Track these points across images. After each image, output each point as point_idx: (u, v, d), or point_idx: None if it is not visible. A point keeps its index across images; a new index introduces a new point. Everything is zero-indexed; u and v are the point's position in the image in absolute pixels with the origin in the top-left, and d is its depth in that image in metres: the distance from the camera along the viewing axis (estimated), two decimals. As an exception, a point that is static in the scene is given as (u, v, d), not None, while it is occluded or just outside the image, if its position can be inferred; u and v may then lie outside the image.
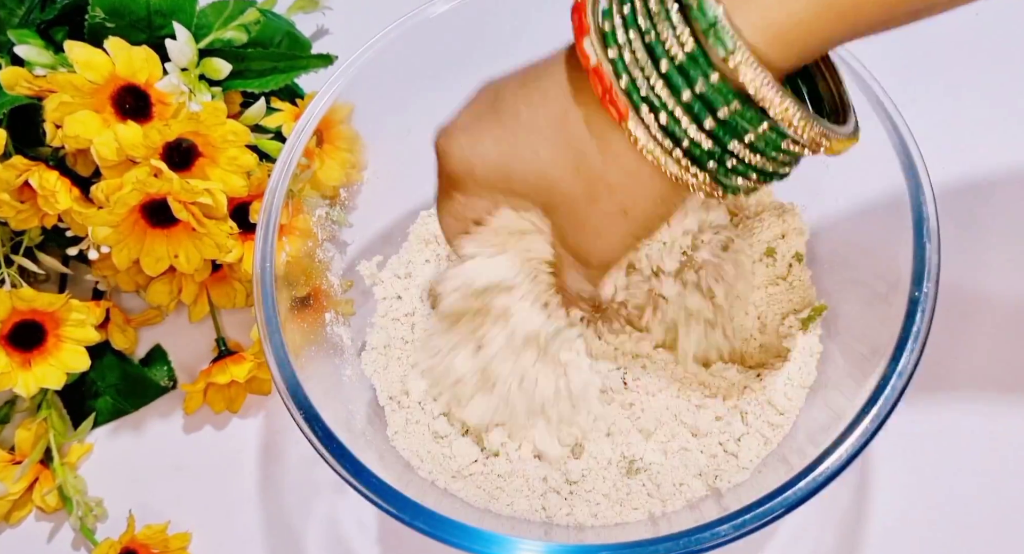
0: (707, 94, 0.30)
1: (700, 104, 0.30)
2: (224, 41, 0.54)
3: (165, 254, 0.49)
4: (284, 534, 0.50)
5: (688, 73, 0.30)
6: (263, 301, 0.42)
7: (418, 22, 0.47)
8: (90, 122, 0.47)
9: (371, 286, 0.50)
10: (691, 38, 0.30)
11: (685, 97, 0.30)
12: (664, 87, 0.31)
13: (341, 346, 0.47)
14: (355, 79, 0.46)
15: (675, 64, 0.30)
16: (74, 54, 0.47)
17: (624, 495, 0.42)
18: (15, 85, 0.48)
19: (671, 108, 0.31)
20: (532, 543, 0.37)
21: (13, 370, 0.48)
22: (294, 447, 0.52)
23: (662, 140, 0.32)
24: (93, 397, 0.54)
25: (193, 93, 0.50)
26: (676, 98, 0.31)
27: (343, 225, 0.50)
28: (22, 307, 0.48)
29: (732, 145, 0.31)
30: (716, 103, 0.30)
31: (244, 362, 0.51)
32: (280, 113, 0.53)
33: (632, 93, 0.31)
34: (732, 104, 0.30)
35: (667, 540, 0.36)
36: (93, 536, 0.50)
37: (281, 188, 0.44)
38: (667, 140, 0.32)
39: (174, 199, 0.46)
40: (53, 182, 0.48)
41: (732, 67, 0.29)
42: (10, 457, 0.50)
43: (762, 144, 0.31)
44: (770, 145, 0.31)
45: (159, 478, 0.52)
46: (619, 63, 0.31)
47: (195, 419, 0.54)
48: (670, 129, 0.31)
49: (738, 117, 0.30)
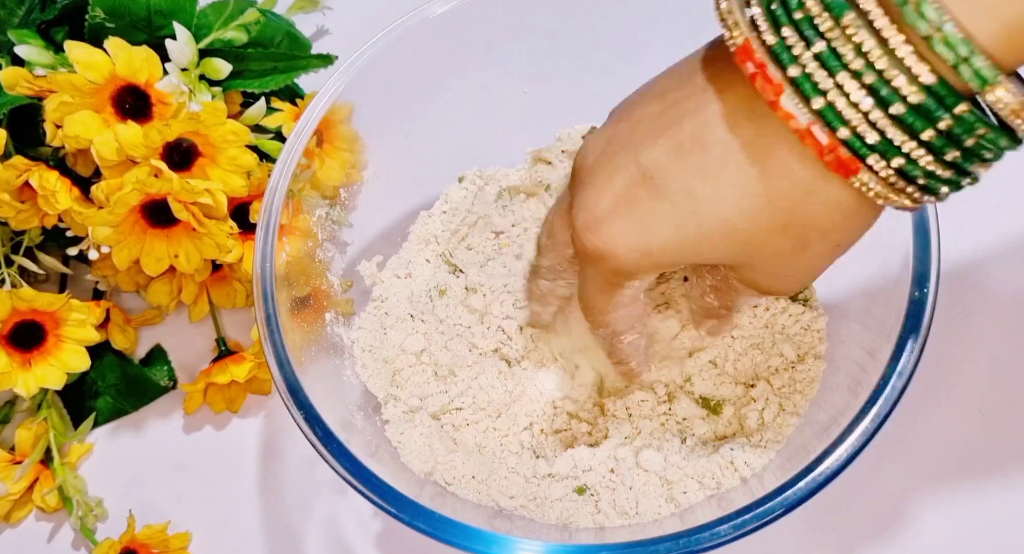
0: (953, 129, 0.27)
1: (944, 140, 0.27)
2: (224, 41, 0.54)
3: (165, 254, 0.49)
4: (284, 534, 0.50)
5: (930, 112, 0.26)
6: (263, 301, 0.42)
7: (418, 22, 0.47)
8: (90, 122, 0.47)
9: (371, 286, 0.50)
10: (926, 69, 0.26)
11: (926, 137, 0.27)
12: (896, 129, 0.27)
13: (341, 346, 0.47)
14: (355, 79, 0.46)
15: (909, 103, 0.26)
16: (74, 54, 0.47)
17: (625, 496, 0.42)
18: (15, 85, 0.48)
19: (907, 151, 0.27)
20: (532, 543, 0.37)
21: (13, 370, 0.48)
22: (294, 447, 0.52)
23: (895, 182, 0.28)
24: (93, 397, 0.54)
25: (193, 93, 0.50)
26: (915, 140, 0.27)
27: (343, 225, 0.50)
28: (22, 307, 0.48)
29: (971, 167, 0.28)
30: (964, 137, 0.27)
31: (244, 362, 0.51)
32: (280, 113, 0.53)
33: (857, 146, 0.28)
34: (980, 130, 0.27)
35: (667, 540, 0.36)
36: (93, 536, 0.50)
37: (281, 188, 0.44)
38: (901, 181, 0.28)
39: (174, 199, 0.46)
40: (53, 182, 0.48)
41: (990, 98, 0.26)
42: (10, 457, 0.50)
43: (992, 156, 0.28)
44: (997, 154, 0.28)
45: (159, 478, 0.52)
46: (829, 112, 0.27)
47: (195, 419, 0.54)
48: (907, 171, 0.28)
49: (984, 141, 0.27)
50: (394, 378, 0.46)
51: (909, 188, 0.29)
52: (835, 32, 0.27)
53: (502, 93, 0.50)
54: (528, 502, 0.42)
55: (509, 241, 0.50)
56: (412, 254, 0.51)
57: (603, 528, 0.41)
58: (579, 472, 0.43)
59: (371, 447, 0.42)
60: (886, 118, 0.27)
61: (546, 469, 0.43)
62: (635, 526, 0.41)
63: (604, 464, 0.43)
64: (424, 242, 0.51)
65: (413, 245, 0.51)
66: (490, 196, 0.51)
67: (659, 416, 0.44)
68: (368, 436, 0.43)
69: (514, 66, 0.50)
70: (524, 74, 0.51)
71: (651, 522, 0.41)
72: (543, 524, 0.42)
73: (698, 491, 0.42)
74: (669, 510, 0.41)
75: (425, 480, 0.43)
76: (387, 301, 0.49)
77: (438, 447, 0.44)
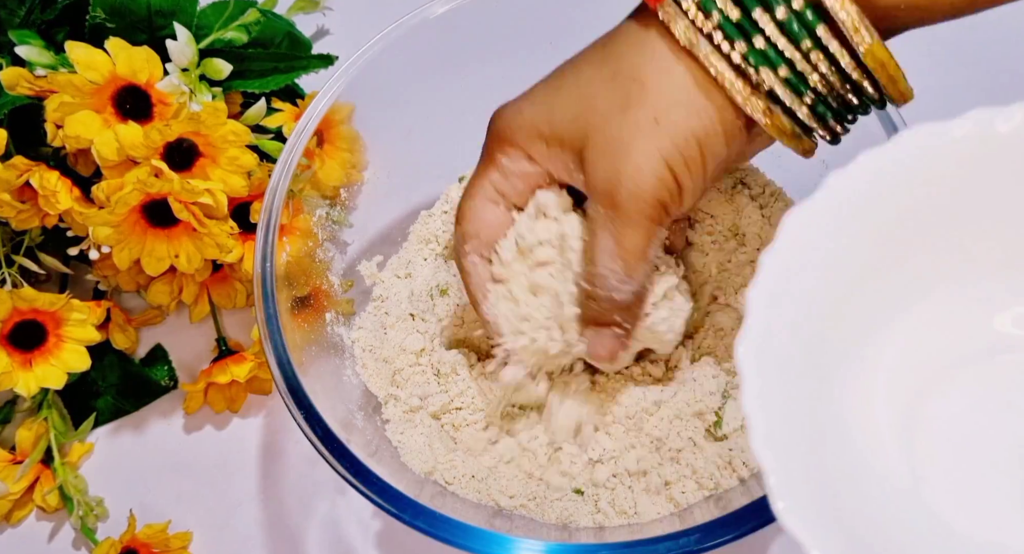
0: (789, 22, 0.31)
1: (779, 31, 0.32)
2: (225, 41, 0.54)
3: (166, 254, 0.49)
4: (284, 533, 0.50)
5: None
6: (264, 301, 0.42)
7: (418, 22, 0.47)
8: (91, 122, 0.47)
9: (371, 286, 0.50)
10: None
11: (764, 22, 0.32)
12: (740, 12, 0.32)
13: (341, 346, 0.47)
14: (355, 79, 0.46)
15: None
16: (75, 54, 0.47)
17: (624, 496, 0.42)
18: (16, 85, 0.48)
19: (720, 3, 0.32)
20: (532, 542, 0.37)
21: (14, 370, 0.48)
22: (294, 447, 0.52)
23: (711, 32, 0.32)
24: (94, 397, 0.54)
25: (194, 93, 0.50)
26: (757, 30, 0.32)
27: (343, 225, 0.50)
28: (23, 307, 0.48)
29: (788, 50, 0.32)
30: (799, 34, 0.31)
31: (245, 362, 0.51)
32: (281, 113, 0.53)
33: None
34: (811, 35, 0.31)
35: (666, 539, 0.36)
36: (94, 536, 0.50)
37: (282, 188, 0.44)
38: (718, 34, 0.32)
39: (175, 199, 0.46)
40: (54, 182, 0.48)
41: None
42: (11, 457, 0.50)
43: (816, 49, 0.31)
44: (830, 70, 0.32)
45: (160, 477, 0.53)
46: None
47: (196, 419, 0.54)
48: (723, 24, 0.32)
49: (803, 13, 0.31)
50: (394, 378, 0.46)
51: (726, 46, 0.32)
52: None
53: (502, 93, 0.50)
54: (528, 501, 0.42)
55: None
56: (412, 254, 0.51)
57: (603, 527, 0.42)
58: (578, 471, 0.43)
59: (371, 447, 0.42)
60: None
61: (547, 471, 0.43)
62: (635, 526, 0.41)
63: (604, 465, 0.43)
64: (424, 242, 0.51)
65: (413, 245, 0.51)
66: (490, 196, 0.51)
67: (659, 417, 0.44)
68: (368, 436, 0.43)
69: (514, 66, 0.50)
70: (524, 74, 0.50)
71: (650, 522, 0.41)
72: (543, 523, 0.42)
73: (697, 491, 0.42)
74: (668, 510, 0.42)
75: (425, 480, 0.43)
76: (387, 301, 0.49)
77: (438, 447, 0.44)
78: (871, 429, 0.29)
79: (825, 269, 0.29)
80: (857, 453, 0.28)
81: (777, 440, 0.25)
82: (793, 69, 0.32)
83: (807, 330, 0.28)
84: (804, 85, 0.33)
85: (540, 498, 0.42)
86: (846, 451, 0.28)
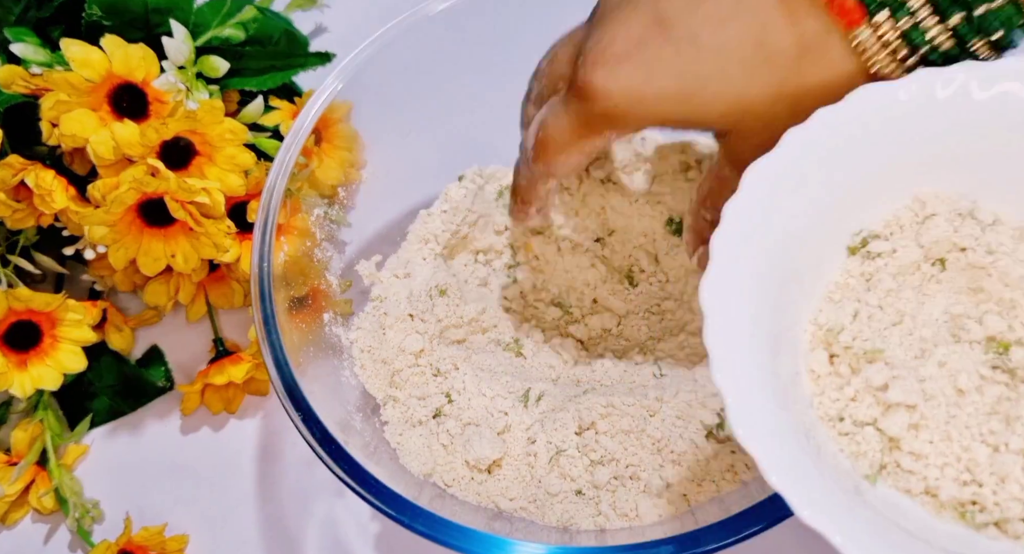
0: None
1: (950, 2, 0.28)
2: (221, 39, 0.54)
3: (162, 254, 0.48)
4: (282, 536, 0.50)
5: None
6: (261, 301, 0.42)
7: (417, 20, 0.47)
8: (86, 120, 0.46)
9: (370, 286, 0.49)
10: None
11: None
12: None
13: (339, 346, 0.47)
14: (354, 77, 0.46)
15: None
16: (70, 52, 0.46)
17: (625, 498, 0.42)
18: (11, 83, 0.48)
19: (914, 8, 0.28)
20: (532, 545, 0.36)
21: (9, 371, 0.48)
22: (292, 448, 0.52)
23: (896, 45, 0.29)
24: (90, 398, 0.54)
25: (190, 91, 0.50)
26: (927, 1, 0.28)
27: (341, 224, 0.49)
28: (18, 307, 0.47)
29: (973, 43, 0.29)
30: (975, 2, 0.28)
31: (242, 363, 0.51)
32: (278, 111, 0.52)
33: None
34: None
35: (668, 542, 0.36)
36: (90, 538, 0.50)
37: (279, 187, 0.44)
38: (904, 47, 0.29)
39: (171, 198, 0.46)
40: (49, 181, 0.48)
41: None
42: (6, 458, 0.50)
43: (1000, 36, 0.29)
44: (1007, 34, 0.29)
45: (156, 479, 0.52)
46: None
47: (192, 420, 0.54)
48: (910, 34, 0.29)
49: (994, 13, 0.28)
50: (393, 379, 0.46)
51: (908, 57, 0.29)
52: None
53: (502, 92, 0.50)
54: (528, 504, 0.42)
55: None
56: (411, 254, 0.50)
57: (604, 530, 0.41)
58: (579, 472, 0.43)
59: (370, 448, 0.42)
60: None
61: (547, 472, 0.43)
62: (636, 528, 0.41)
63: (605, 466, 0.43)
64: (423, 241, 0.51)
65: (412, 244, 0.51)
66: (490, 195, 0.51)
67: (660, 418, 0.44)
68: (367, 437, 0.43)
69: (514, 66, 0.49)
70: (524, 74, 0.50)
71: (652, 524, 0.41)
72: (543, 526, 0.41)
73: (698, 494, 0.41)
74: (670, 512, 0.41)
75: (424, 482, 0.43)
76: (386, 301, 0.49)
77: (437, 448, 0.44)
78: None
79: (783, 217, 0.31)
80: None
81: (735, 371, 0.28)
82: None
83: (766, 273, 0.30)
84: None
85: (540, 500, 0.42)
86: (800, 388, 0.31)
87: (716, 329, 0.28)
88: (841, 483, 0.29)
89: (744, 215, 0.30)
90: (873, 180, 0.32)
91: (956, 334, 0.31)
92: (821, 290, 0.33)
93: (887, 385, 0.30)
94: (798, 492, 0.26)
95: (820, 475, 0.28)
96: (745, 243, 0.30)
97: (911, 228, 0.33)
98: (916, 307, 0.32)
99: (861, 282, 0.33)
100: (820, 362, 0.31)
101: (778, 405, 0.29)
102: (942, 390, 0.30)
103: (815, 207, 0.31)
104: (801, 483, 0.27)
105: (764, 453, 0.27)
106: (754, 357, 0.29)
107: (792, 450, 0.28)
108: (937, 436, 0.30)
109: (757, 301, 0.30)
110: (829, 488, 0.28)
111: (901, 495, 0.30)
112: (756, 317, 0.30)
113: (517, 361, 0.47)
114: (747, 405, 0.28)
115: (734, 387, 0.28)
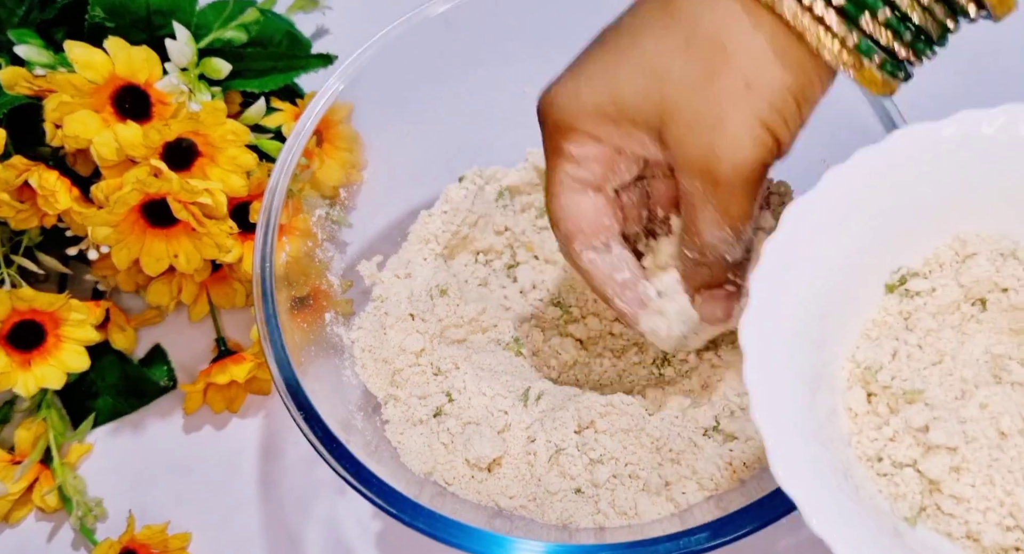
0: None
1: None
2: (224, 41, 0.54)
3: (165, 254, 0.49)
4: (284, 534, 0.50)
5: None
6: (263, 301, 0.42)
7: (418, 22, 0.47)
8: (90, 122, 0.47)
9: (371, 286, 0.50)
10: None
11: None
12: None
13: (341, 346, 0.47)
14: (355, 79, 0.46)
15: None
16: (74, 54, 0.46)
17: (624, 496, 0.42)
18: (15, 85, 0.48)
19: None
20: (532, 543, 0.37)
21: (13, 370, 0.48)
22: (294, 447, 0.52)
23: (822, 15, 0.30)
24: (93, 397, 0.54)
25: (193, 93, 0.50)
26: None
27: (343, 225, 0.50)
28: (22, 307, 0.48)
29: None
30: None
31: (244, 362, 0.51)
32: (280, 113, 0.53)
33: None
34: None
35: (666, 540, 0.36)
36: (93, 536, 0.50)
37: (281, 188, 0.44)
38: (836, 19, 0.30)
39: (174, 199, 0.46)
40: (53, 182, 0.48)
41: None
42: (10, 457, 0.50)
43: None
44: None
45: (159, 478, 0.52)
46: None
47: (195, 419, 0.54)
48: (847, 9, 0.29)
49: None
50: (394, 378, 0.46)
51: (840, 31, 0.30)
52: None
53: (502, 93, 0.50)
54: (528, 502, 0.42)
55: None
56: (412, 254, 0.51)
57: (603, 528, 0.41)
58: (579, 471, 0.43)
59: (371, 447, 0.42)
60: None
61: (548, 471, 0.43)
62: (635, 526, 0.41)
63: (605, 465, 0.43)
64: (424, 242, 0.51)
65: (413, 245, 0.51)
66: (490, 196, 0.51)
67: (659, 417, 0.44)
68: (368, 436, 0.43)
69: (514, 66, 0.50)
70: (524, 74, 0.50)
71: (651, 522, 0.41)
72: (543, 524, 0.42)
73: (697, 492, 0.42)
74: (668, 511, 0.41)
75: (425, 480, 0.43)
76: (387, 301, 0.49)
77: (438, 447, 0.44)
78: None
79: (823, 256, 0.31)
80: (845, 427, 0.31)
81: (774, 410, 0.28)
82: (895, 8, 0.30)
83: (805, 311, 0.30)
84: (904, 24, 0.31)
85: (540, 499, 0.42)
86: (838, 426, 0.31)
87: (756, 367, 0.28)
88: (881, 524, 0.29)
89: (784, 253, 0.30)
90: (913, 218, 0.32)
91: (998, 375, 0.31)
92: (858, 327, 0.32)
93: (928, 426, 0.30)
94: (842, 537, 0.26)
95: (860, 516, 0.28)
96: (784, 281, 0.30)
97: (951, 267, 0.32)
98: (956, 347, 0.31)
99: (899, 320, 0.32)
100: (858, 400, 0.31)
101: (816, 442, 0.28)
102: (984, 432, 0.30)
103: (855, 245, 0.31)
104: (843, 527, 0.26)
105: (805, 496, 0.26)
106: (793, 395, 0.29)
107: (832, 491, 0.27)
108: (979, 480, 0.29)
109: (796, 338, 0.30)
110: (870, 530, 0.27)
111: (942, 538, 0.29)
112: (795, 354, 0.29)
113: (517, 360, 0.48)
114: (786, 445, 0.27)
115: (774, 428, 0.27)
